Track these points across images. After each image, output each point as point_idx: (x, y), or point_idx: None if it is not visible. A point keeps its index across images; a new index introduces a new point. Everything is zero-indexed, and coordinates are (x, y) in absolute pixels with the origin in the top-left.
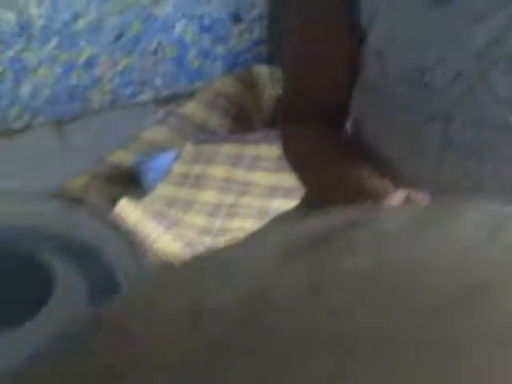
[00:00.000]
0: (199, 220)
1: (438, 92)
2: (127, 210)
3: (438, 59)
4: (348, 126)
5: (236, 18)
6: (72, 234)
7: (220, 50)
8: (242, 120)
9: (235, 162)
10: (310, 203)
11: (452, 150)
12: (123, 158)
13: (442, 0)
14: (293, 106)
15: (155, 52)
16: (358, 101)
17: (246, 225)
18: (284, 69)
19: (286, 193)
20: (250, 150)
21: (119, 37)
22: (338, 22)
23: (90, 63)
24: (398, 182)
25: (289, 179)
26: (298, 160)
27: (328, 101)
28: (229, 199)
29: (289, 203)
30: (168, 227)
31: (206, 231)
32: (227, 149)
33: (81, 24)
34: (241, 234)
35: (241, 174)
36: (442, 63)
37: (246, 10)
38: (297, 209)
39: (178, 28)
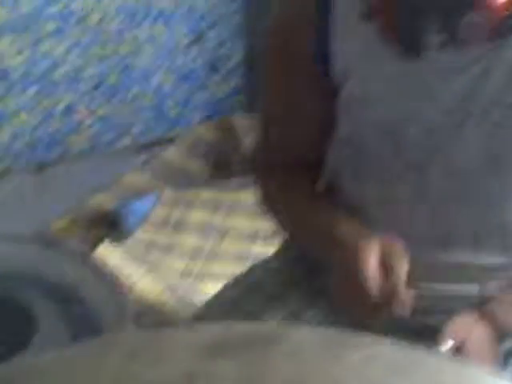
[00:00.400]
0: (179, 264)
1: (410, 146)
2: (107, 253)
3: (410, 115)
4: (323, 177)
5: (213, 68)
6: (53, 276)
7: (198, 99)
8: (222, 166)
9: (214, 208)
10: (291, 251)
11: (423, 201)
12: (103, 201)
13: (413, 54)
14: (266, 159)
15: (133, 101)
16: (333, 152)
17: (226, 269)
18: (257, 122)
19: (266, 237)
20: (229, 197)
21: (97, 86)
22: (311, 75)
23: (68, 111)
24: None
25: (268, 224)
26: (275, 210)
27: (301, 154)
28: (208, 244)
29: (269, 248)
30: (148, 270)
31: (186, 274)
32: (206, 195)
33: (60, 73)
34: (221, 278)
35: (220, 219)
36: (415, 118)
37: (222, 59)
38: (276, 256)
39: (156, 78)
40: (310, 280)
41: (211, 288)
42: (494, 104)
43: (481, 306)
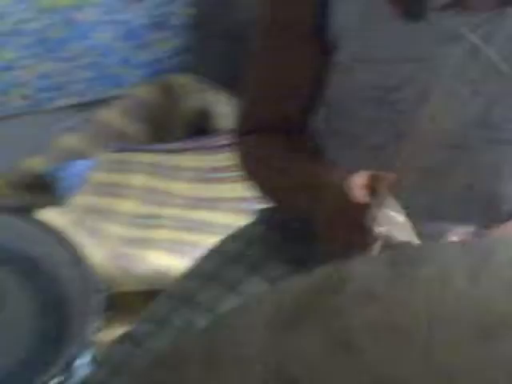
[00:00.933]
0: (120, 230)
1: (405, 110)
2: (49, 217)
3: (405, 79)
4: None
5: (157, 26)
6: (12, 243)
7: (140, 57)
8: (161, 129)
9: (154, 171)
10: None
11: (414, 168)
12: (38, 164)
13: (414, 19)
14: (252, 124)
15: (75, 57)
16: (320, 118)
17: (170, 235)
18: (245, 85)
19: (210, 204)
20: (170, 160)
21: (39, 41)
22: (305, 38)
23: (8, 66)
24: None
25: (211, 190)
26: (257, 172)
27: (289, 119)
28: (150, 209)
29: (213, 214)
30: (90, 235)
31: (127, 241)
32: (146, 158)
33: (1, 26)
34: (165, 245)
35: (161, 184)
36: (409, 83)
37: (167, 17)
38: (253, 225)
39: (99, 34)
40: (291, 248)
41: (155, 256)
42: (494, 71)
43: None
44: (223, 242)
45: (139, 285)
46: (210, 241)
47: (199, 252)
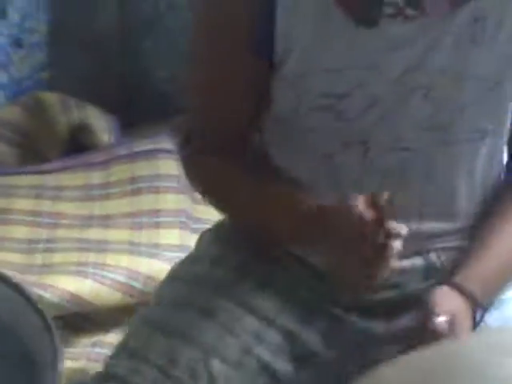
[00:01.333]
0: (16, 258)
1: (352, 118)
2: None
3: (353, 86)
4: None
5: (17, 44)
6: None
7: (1, 77)
8: (31, 149)
9: (39, 193)
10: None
11: (370, 173)
12: None
13: (362, 26)
14: (201, 134)
15: None
16: (268, 132)
17: (68, 258)
18: (187, 98)
19: (101, 222)
20: (53, 181)
21: None
22: (245, 52)
23: None
24: None
25: (100, 207)
26: (219, 194)
27: (233, 130)
28: (43, 233)
29: (106, 232)
30: None
31: (27, 269)
32: (28, 181)
33: None
34: (67, 268)
35: (48, 205)
36: (358, 90)
37: (26, 35)
38: (213, 243)
39: None
40: (257, 267)
41: (63, 280)
42: (442, 75)
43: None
44: (184, 265)
45: (53, 312)
46: (109, 259)
47: (102, 272)
